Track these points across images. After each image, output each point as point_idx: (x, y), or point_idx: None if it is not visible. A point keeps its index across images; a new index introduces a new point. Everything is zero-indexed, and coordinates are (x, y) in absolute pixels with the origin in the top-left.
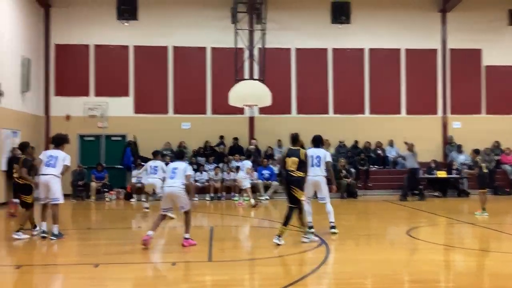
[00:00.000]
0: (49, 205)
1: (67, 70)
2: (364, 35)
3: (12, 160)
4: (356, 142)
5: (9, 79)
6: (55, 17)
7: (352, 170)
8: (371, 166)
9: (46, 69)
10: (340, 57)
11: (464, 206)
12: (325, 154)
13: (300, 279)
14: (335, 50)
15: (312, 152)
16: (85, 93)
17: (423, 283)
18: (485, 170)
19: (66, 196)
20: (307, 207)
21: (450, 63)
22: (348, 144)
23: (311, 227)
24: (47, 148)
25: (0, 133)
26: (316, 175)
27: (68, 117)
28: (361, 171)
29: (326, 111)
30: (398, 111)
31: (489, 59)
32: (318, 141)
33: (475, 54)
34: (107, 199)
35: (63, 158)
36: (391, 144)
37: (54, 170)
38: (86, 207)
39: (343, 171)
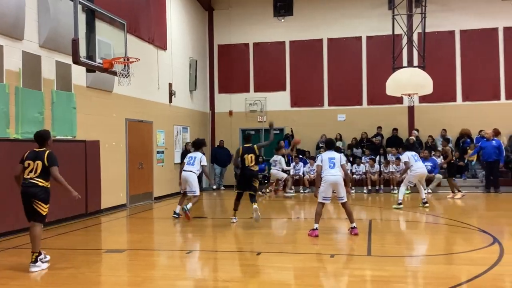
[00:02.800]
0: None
1: (229, 68)
2: None
3: (184, 154)
4: None
5: (179, 80)
6: (218, 19)
7: None
8: None
9: (211, 68)
10: None
11: None
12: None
13: (470, 280)
14: (507, 29)
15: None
16: (246, 89)
17: None
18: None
19: (230, 187)
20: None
21: None
22: None
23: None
24: (213, 142)
25: (174, 129)
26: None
27: (231, 113)
28: None
29: (497, 97)
30: None
31: None
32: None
33: None
34: (267, 190)
35: (200, 158)
36: None
37: (192, 167)
38: (246, 198)
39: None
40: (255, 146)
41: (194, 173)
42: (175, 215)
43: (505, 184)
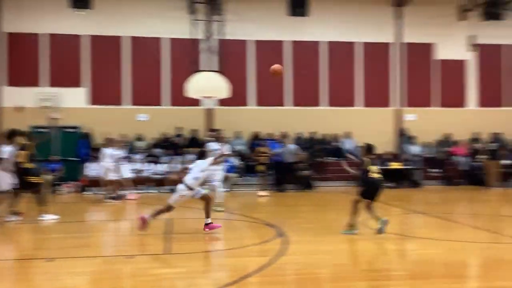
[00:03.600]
0: None
1: (20, 59)
2: (321, 28)
3: None
4: (313, 134)
5: None
6: (6, 4)
7: (309, 162)
8: (327, 157)
9: None
10: (298, 49)
11: (416, 196)
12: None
13: (258, 270)
14: (292, 43)
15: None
16: (38, 83)
17: (379, 272)
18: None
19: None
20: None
21: (404, 57)
22: (305, 137)
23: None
24: None
25: None
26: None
27: (19, 108)
28: (317, 162)
29: (284, 103)
30: (354, 104)
31: (440, 53)
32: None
33: (428, 48)
34: (61, 191)
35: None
36: (347, 136)
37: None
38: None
39: (302, 163)
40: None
41: None
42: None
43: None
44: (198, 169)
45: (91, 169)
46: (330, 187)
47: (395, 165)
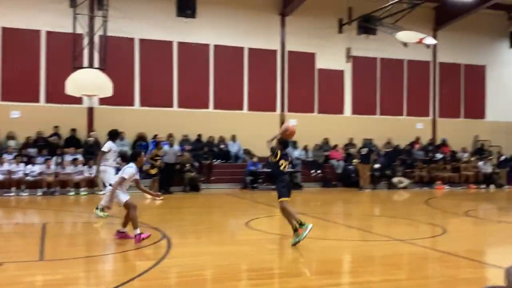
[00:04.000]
0: None
1: None
2: (209, 31)
3: None
4: (200, 136)
5: None
6: None
7: (196, 164)
8: (214, 160)
9: None
10: (185, 51)
11: (297, 198)
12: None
13: (140, 275)
14: (180, 44)
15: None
16: None
17: (260, 271)
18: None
19: None
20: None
21: (288, 64)
22: (192, 138)
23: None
24: None
25: None
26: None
27: None
28: (204, 165)
29: (171, 105)
30: (240, 107)
31: (321, 62)
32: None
33: (310, 57)
34: None
35: None
36: (233, 139)
37: None
38: None
39: (187, 165)
40: None
41: None
42: None
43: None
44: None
45: None
46: (216, 189)
47: None
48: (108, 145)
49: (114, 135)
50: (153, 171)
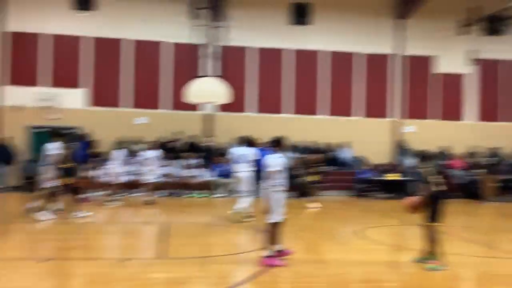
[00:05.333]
0: None
1: (21, 58)
2: (322, 38)
3: None
4: (312, 142)
5: None
6: (12, 4)
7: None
8: (326, 166)
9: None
10: (299, 58)
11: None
12: (252, 153)
13: (252, 278)
14: (293, 51)
15: (238, 151)
16: (38, 83)
17: (373, 283)
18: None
19: (16, 188)
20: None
21: (402, 69)
22: (306, 145)
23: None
24: None
25: None
26: (241, 171)
27: (18, 108)
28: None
29: (286, 111)
30: (352, 113)
31: (440, 66)
32: (245, 141)
33: (427, 61)
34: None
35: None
36: (345, 145)
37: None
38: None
39: (299, 171)
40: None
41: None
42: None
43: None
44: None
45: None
46: (328, 196)
47: (392, 176)
48: (246, 151)
49: (250, 142)
50: (315, 178)
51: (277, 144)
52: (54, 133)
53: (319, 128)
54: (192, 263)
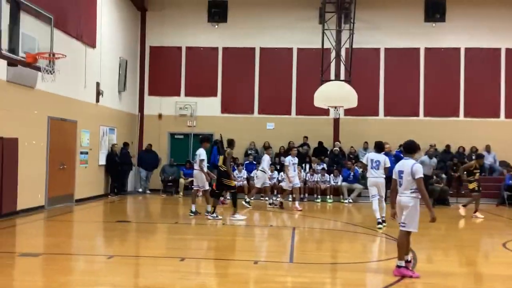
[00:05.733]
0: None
1: (160, 71)
2: (459, 34)
3: (110, 155)
4: (448, 146)
5: (108, 79)
6: (151, 20)
7: (443, 176)
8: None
9: (141, 69)
10: (433, 57)
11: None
12: (385, 159)
13: None
14: (427, 50)
15: (373, 156)
16: (176, 93)
17: None
18: None
19: (156, 191)
20: (374, 204)
21: None
22: (439, 148)
23: (380, 222)
24: (140, 145)
25: (100, 130)
26: (376, 177)
27: (160, 116)
28: (453, 177)
29: (416, 113)
30: (496, 115)
31: None
32: (379, 147)
33: None
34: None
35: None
36: (487, 149)
37: (195, 165)
38: (174, 202)
39: (434, 176)
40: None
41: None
42: (191, 214)
43: None
44: None
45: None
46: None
47: None
48: (376, 156)
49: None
50: (473, 186)
51: (410, 149)
52: (205, 139)
53: (455, 131)
54: (321, 269)
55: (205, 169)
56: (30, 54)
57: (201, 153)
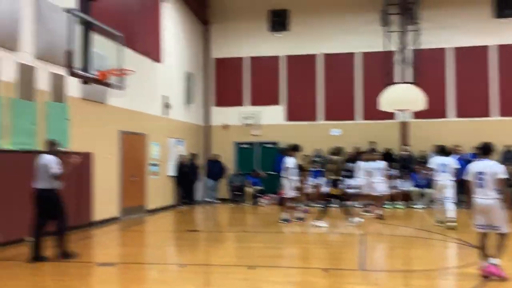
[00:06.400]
0: None
1: (225, 82)
2: None
3: (179, 167)
4: None
5: (175, 92)
6: (214, 32)
7: None
8: None
9: (207, 81)
10: (506, 54)
11: None
12: (453, 162)
13: None
14: (499, 47)
15: (440, 160)
16: (241, 103)
17: None
18: None
19: (224, 200)
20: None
21: None
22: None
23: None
24: (208, 156)
25: (169, 142)
26: (444, 180)
27: (226, 126)
28: None
29: (489, 114)
30: None
31: None
32: (443, 151)
33: None
34: (262, 203)
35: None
36: None
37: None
38: (242, 211)
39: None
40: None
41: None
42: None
43: None
44: None
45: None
46: None
47: None
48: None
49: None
50: None
51: (485, 151)
52: (290, 148)
53: None
54: (394, 276)
55: (292, 177)
56: (101, 71)
57: (287, 161)
